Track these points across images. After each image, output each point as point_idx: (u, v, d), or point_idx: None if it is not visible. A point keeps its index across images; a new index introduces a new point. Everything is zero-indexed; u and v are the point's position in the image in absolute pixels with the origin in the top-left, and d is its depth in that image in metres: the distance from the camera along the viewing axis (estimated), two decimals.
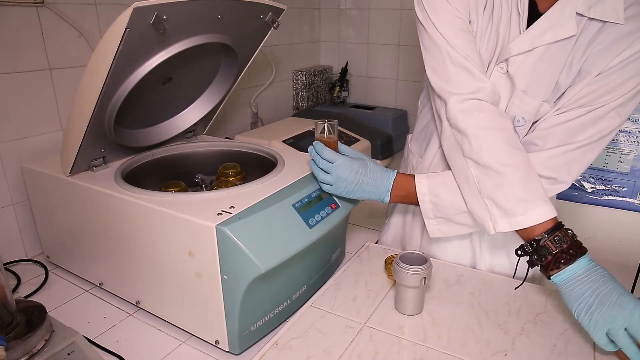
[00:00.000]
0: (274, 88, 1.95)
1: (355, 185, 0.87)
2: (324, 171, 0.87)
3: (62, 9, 1.08)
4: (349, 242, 1.16)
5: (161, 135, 1.14)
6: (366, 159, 0.90)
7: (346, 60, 2.19)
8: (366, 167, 0.88)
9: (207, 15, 0.90)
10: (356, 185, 0.87)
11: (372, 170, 0.88)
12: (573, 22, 0.77)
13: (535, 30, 0.80)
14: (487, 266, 0.99)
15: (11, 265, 1.08)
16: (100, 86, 0.80)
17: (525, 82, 0.83)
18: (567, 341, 0.76)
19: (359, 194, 0.89)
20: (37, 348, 0.74)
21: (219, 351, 0.82)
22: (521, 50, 0.81)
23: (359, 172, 0.87)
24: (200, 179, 1.16)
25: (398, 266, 0.81)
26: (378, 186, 0.88)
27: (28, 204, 1.10)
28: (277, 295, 0.85)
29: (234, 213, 0.77)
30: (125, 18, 0.74)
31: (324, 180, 0.88)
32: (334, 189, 0.88)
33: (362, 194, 0.89)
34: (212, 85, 1.17)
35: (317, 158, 0.88)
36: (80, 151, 0.90)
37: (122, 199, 0.85)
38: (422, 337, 0.78)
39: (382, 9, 2.04)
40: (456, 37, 0.81)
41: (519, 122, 0.85)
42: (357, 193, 0.89)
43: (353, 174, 0.86)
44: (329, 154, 0.86)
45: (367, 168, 0.88)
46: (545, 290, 0.90)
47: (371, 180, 0.88)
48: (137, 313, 0.92)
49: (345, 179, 0.86)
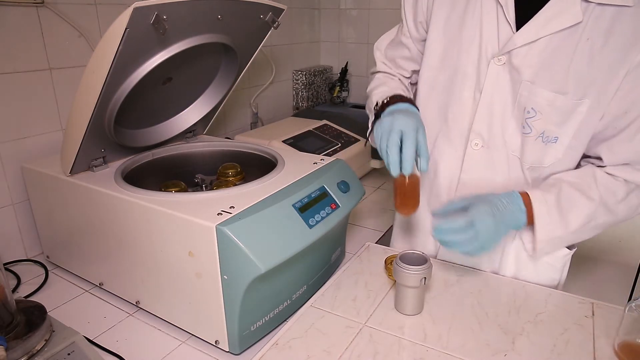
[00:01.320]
0: (274, 88, 1.95)
1: (498, 222, 0.81)
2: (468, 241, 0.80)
3: (62, 9, 1.08)
4: (349, 242, 1.16)
5: (161, 135, 1.14)
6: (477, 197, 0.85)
7: (346, 60, 2.19)
8: (489, 202, 0.82)
9: (207, 15, 0.90)
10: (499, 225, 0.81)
11: (497, 200, 0.83)
12: (578, 9, 0.75)
13: (539, 19, 0.78)
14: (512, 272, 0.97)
15: (11, 265, 1.08)
16: (100, 86, 0.80)
17: (531, 72, 0.81)
18: (567, 341, 0.76)
19: (503, 230, 0.82)
20: (37, 348, 0.74)
21: (219, 351, 0.82)
22: (526, 41, 0.80)
23: (494, 212, 0.81)
24: (200, 179, 1.16)
25: (398, 266, 0.81)
26: (513, 213, 0.83)
27: (28, 204, 1.10)
28: (277, 295, 0.85)
29: (234, 213, 0.77)
30: (125, 18, 0.74)
31: (475, 249, 0.80)
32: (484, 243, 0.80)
33: (504, 227, 0.82)
34: (212, 85, 1.17)
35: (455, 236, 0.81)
36: (80, 151, 0.90)
37: (122, 199, 0.85)
38: (422, 337, 0.78)
39: (382, 9, 2.04)
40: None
41: (529, 113, 0.83)
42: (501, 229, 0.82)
43: (490, 216, 0.81)
44: (461, 222, 0.80)
45: (492, 203, 0.82)
46: (545, 290, 0.90)
47: (504, 210, 0.82)
48: (137, 313, 0.92)
49: (488, 223, 0.80)
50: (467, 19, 0.86)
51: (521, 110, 0.84)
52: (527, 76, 0.81)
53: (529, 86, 0.82)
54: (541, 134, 0.84)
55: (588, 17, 0.75)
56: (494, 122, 0.87)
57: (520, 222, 0.84)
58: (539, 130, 0.84)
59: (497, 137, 0.88)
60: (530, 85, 0.82)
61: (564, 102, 0.80)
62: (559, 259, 0.95)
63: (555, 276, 0.97)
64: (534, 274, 0.96)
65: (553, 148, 0.84)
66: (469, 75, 0.88)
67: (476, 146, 0.90)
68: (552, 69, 0.80)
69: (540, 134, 0.84)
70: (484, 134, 0.89)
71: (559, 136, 0.83)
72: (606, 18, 0.75)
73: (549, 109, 0.81)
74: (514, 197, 0.85)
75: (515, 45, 0.81)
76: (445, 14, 0.90)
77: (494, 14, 0.83)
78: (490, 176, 0.91)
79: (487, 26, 0.84)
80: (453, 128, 0.93)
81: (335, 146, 1.53)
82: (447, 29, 0.90)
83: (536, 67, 0.81)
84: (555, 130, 0.83)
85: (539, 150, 0.85)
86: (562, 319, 0.82)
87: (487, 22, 0.84)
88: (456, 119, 0.92)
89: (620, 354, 0.73)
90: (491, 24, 0.84)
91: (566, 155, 0.85)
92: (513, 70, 0.83)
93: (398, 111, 0.87)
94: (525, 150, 0.86)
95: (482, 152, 0.90)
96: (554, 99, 0.80)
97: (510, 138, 0.87)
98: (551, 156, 0.85)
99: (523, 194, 0.85)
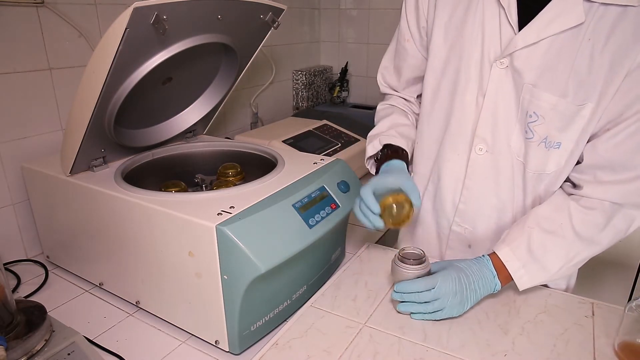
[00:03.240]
0: (274, 88, 1.95)
1: (466, 291, 0.80)
2: (428, 302, 0.79)
3: (62, 9, 1.08)
4: (349, 242, 1.16)
5: (161, 135, 1.14)
6: (449, 262, 0.84)
7: (346, 60, 2.19)
8: (458, 268, 0.82)
9: (207, 15, 0.90)
10: (466, 291, 0.80)
11: (466, 266, 0.82)
12: (580, 9, 0.73)
13: (541, 21, 0.77)
14: None
15: (11, 265, 1.08)
16: (100, 86, 0.80)
17: (533, 75, 0.80)
18: (567, 341, 0.76)
19: (472, 296, 0.81)
20: (37, 348, 0.74)
21: (219, 351, 0.82)
22: (527, 42, 0.78)
23: (460, 277, 0.80)
24: (200, 179, 1.16)
25: (396, 265, 0.81)
26: (485, 278, 0.82)
27: (28, 204, 1.10)
28: (277, 295, 0.85)
29: (234, 213, 0.77)
30: (125, 18, 0.74)
31: (435, 309, 0.79)
32: (448, 310, 0.79)
33: (474, 295, 0.81)
34: (212, 85, 1.17)
35: (414, 296, 0.80)
36: (80, 151, 0.90)
37: (122, 199, 0.85)
38: (422, 337, 0.78)
39: (382, 9, 2.04)
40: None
41: (531, 117, 0.82)
42: (470, 297, 0.80)
43: (456, 281, 0.79)
44: (425, 283, 0.79)
45: (460, 269, 0.82)
46: (546, 290, 0.90)
47: (473, 277, 0.81)
48: (137, 313, 0.92)
49: (454, 291, 0.79)
50: (469, 21, 0.85)
51: (524, 114, 0.82)
52: (529, 79, 0.80)
53: (531, 89, 0.80)
54: (544, 140, 0.83)
55: (591, 18, 0.74)
56: (498, 127, 0.86)
57: (494, 286, 0.83)
58: (542, 135, 0.82)
59: (502, 142, 0.86)
60: (532, 88, 0.80)
61: (566, 106, 0.78)
62: None
63: (561, 283, 0.97)
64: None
65: (556, 154, 0.83)
66: (472, 79, 0.86)
67: (480, 151, 0.89)
68: (554, 72, 0.78)
69: (542, 139, 0.83)
70: (488, 138, 0.87)
71: (561, 142, 0.82)
72: (609, 19, 0.73)
73: (551, 113, 0.80)
74: (484, 262, 0.84)
75: (516, 47, 0.79)
76: (447, 17, 0.88)
77: (496, 16, 0.82)
78: (494, 181, 0.90)
79: (489, 29, 0.83)
80: (457, 133, 0.91)
81: (335, 146, 1.53)
82: (449, 32, 0.88)
83: (538, 69, 0.79)
84: (558, 136, 0.81)
85: (541, 156, 0.84)
86: (562, 319, 0.81)
87: (489, 24, 0.83)
88: (459, 123, 0.90)
89: (620, 354, 0.73)
90: (493, 26, 0.82)
91: (569, 162, 0.84)
92: (515, 73, 0.81)
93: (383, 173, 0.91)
94: (529, 155, 0.85)
95: (487, 157, 0.89)
96: (556, 102, 0.79)
97: (515, 143, 0.85)
98: (554, 162, 0.84)
99: (493, 257, 0.84)
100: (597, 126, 0.80)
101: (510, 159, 0.87)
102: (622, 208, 0.79)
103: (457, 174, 0.94)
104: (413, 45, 0.98)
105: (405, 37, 0.99)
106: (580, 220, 0.81)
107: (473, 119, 0.88)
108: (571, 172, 0.85)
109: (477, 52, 0.85)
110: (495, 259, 0.84)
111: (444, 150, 0.95)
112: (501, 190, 0.90)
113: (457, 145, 0.92)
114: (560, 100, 0.78)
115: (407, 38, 0.98)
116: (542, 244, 0.82)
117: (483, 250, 0.94)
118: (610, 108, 0.77)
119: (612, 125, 0.78)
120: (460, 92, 0.88)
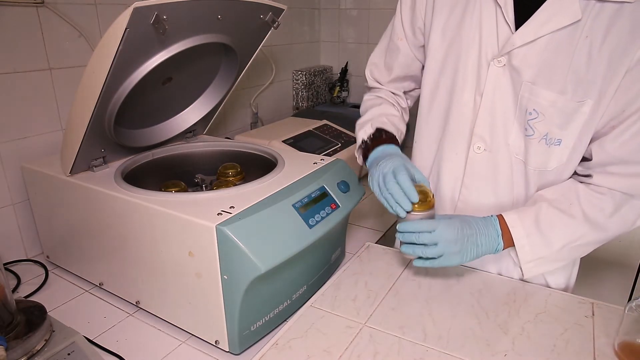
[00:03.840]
0: (274, 88, 1.95)
1: (466, 242, 0.81)
2: (428, 245, 0.81)
3: (62, 9, 1.08)
4: (349, 242, 1.16)
5: (161, 135, 1.14)
6: (457, 215, 0.86)
7: (346, 60, 2.19)
8: (463, 218, 0.83)
9: (207, 15, 0.90)
10: (467, 242, 0.81)
11: (472, 220, 0.83)
12: (577, 6, 0.74)
13: (538, 19, 0.77)
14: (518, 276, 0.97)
15: (11, 265, 1.08)
16: (100, 86, 0.80)
17: (532, 73, 0.80)
18: (567, 341, 0.76)
19: (472, 250, 0.81)
20: (37, 348, 0.74)
21: (219, 351, 0.82)
22: (524, 41, 0.79)
23: (463, 227, 0.81)
24: (200, 179, 1.16)
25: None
26: (489, 235, 0.83)
27: (28, 204, 1.10)
28: (277, 295, 0.85)
29: (234, 213, 0.77)
30: (125, 18, 0.74)
31: (434, 254, 0.80)
32: (446, 258, 0.81)
33: (475, 249, 0.82)
34: (212, 85, 1.17)
35: (414, 236, 0.81)
36: (80, 151, 0.90)
37: (122, 199, 0.85)
38: (422, 337, 0.78)
39: (382, 9, 2.04)
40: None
41: (531, 114, 0.82)
42: (470, 250, 0.81)
43: (458, 230, 0.80)
44: (426, 224, 0.81)
45: (465, 220, 0.83)
46: (545, 290, 0.90)
47: (477, 230, 0.82)
48: (137, 313, 0.92)
49: (454, 239, 0.80)
50: (467, 21, 0.85)
51: (523, 112, 0.83)
52: (528, 77, 0.81)
53: (529, 87, 0.81)
54: (544, 136, 0.83)
55: (588, 15, 0.74)
56: (496, 125, 0.86)
57: (496, 244, 0.83)
58: (542, 132, 0.83)
59: (500, 140, 0.87)
60: (531, 86, 0.81)
61: (565, 103, 0.79)
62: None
63: (561, 281, 0.97)
64: (541, 278, 0.96)
65: (557, 151, 0.83)
66: (469, 78, 0.87)
67: (478, 150, 0.89)
68: (552, 69, 0.79)
69: (543, 136, 0.83)
70: (486, 137, 0.88)
71: (562, 138, 0.82)
72: (606, 15, 0.73)
73: (550, 110, 0.80)
74: (490, 220, 0.84)
75: (514, 46, 0.80)
76: (445, 18, 0.89)
77: (493, 15, 0.83)
78: (493, 180, 0.90)
79: (486, 28, 0.83)
80: (455, 132, 0.92)
81: (335, 146, 1.53)
82: (446, 32, 0.89)
83: (536, 67, 0.80)
84: (558, 133, 0.82)
85: (542, 153, 0.84)
86: (562, 319, 0.81)
87: (486, 23, 0.83)
88: (458, 122, 0.91)
89: (620, 354, 0.73)
90: (490, 25, 0.83)
91: (571, 158, 0.84)
92: (513, 71, 0.82)
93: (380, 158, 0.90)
94: (529, 153, 0.85)
95: (485, 156, 0.89)
96: (555, 99, 0.79)
97: (513, 141, 0.86)
98: (555, 159, 0.84)
99: (500, 218, 0.85)
100: (600, 123, 0.80)
101: (509, 157, 0.87)
102: (632, 199, 0.80)
103: (455, 173, 0.94)
104: (406, 44, 0.99)
105: (398, 35, 1.00)
106: (589, 203, 0.81)
107: (471, 118, 0.89)
108: (579, 167, 0.86)
109: (474, 51, 0.85)
110: (502, 222, 0.84)
111: (443, 149, 0.95)
112: (500, 189, 0.90)
113: (455, 144, 0.93)
114: (559, 97, 0.79)
115: (400, 37, 0.99)
116: (550, 219, 0.83)
117: None
118: (612, 105, 0.77)
119: (616, 122, 0.78)
120: (458, 91, 0.89)
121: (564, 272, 0.97)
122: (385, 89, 1.07)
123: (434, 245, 0.81)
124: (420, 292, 0.90)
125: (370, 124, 0.99)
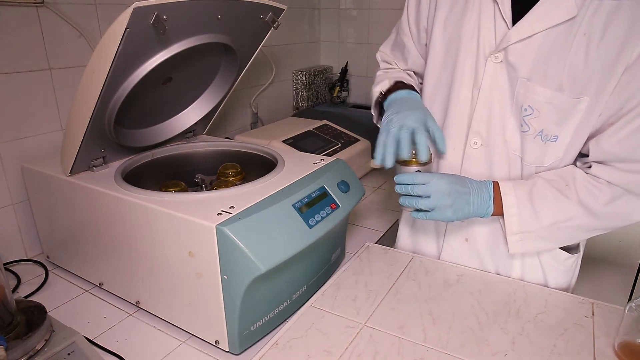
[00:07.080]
0: (274, 88, 1.95)
1: (458, 198, 0.83)
2: (421, 197, 0.83)
3: (62, 9, 1.08)
4: (349, 242, 1.16)
5: (161, 135, 1.14)
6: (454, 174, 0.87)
7: (346, 60, 2.19)
8: (458, 177, 0.85)
9: (207, 15, 0.90)
10: (459, 198, 0.83)
11: (467, 179, 0.86)
12: (572, 3, 0.74)
13: (534, 15, 0.78)
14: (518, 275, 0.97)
15: (11, 265, 1.08)
16: (100, 86, 0.80)
17: (527, 69, 0.81)
18: (567, 341, 0.76)
19: (464, 207, 0.83)
20: (37, 348, 0.74)
21: (219, 351, 0.82)
22: (520, 37, 0.80)
23: (457, 183, 0.83)
24: (200, 179, 1.16)
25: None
26: (481, 197, 0.85)
27: (28, 204, 1.10)
28: (277, 295, 0.85)
29: (234, 213, 0.77)
30: (125, 18, 0.74)
31: (427, 205, 0.83)
32: (438, 211, 0.82)
33: (466, 207, 0.84)
34: (212, 85, 1.17)
35: (410, 187, 0.83)
36: (80, 151, 0.90)
37: (122, 199, 0.85)
38: (422, 337, 0.78)
39: (382, 9, 2.04)
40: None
41: (526, 110, 0.83)
42: (462, 207, 0.83)
43: (452, 185, 0.83)
44: (421, 177, 0.83)
45: (460, 178, 0.85)
46: (546, 290, 0.90)
47: (471, 189, 0.84)
48: (137, 313, 0.92)
49: (447, 192, 0.82)
50: (466, 17, 0.86)
51: (518, 108, 0.84)
52: (524, 73, 0.81)
53: (525, 83, 0.81)
54: (539, 133, 0.83)
55: (585, 12, 0.75)
56: (493, 121, 0.87)
57: (487, 207, 0.85)
58: (537, 128, 0.83)
59: (497, 136, 0.88)
60: (526, 82, 0.81)
61: (562, 100, 0.79)
62: (562, 262, 0.95)
63: (562, 280, 0.97)
64: (541, 277, 0.96)
65: (553, 147, 0.84)
66: (468, 74, 0.88)
67: (475, 145, 0.90)
68: (548, 66, 0.79)
69: (538, 133, 0.83)
70: (483, 132, 0.89)
71: (558, 135, 0.82)
72: (603, 13, 0.74)
73: (546, 107, 0.81)
74: (485, 184, 0.86)
75: (510, 42, 0.81)
76: (446, 14, 0.90)
77: (491, 11, 0.84)
78: (489, 175, 0.91)
79: (484, 24, 0.85)
80: (453, 126, 0.93)
81: (335, 146, 1.53)
82: (447, 28, 0.90)
83: (532, 63, 0.80)
84: (555, 129, 0.82)
85: (538, 149, 0.85)
86: (562, 319, 0.81)
87: (485, 19, 0.84)
88: (456, 117, 0.92)
89: (620, 354, 0.73)
90: (488, 21, 0.84)
91: (567, 155, 0.85)
92: (509, 67, 0.83)
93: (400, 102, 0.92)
94: (526, 149, 0.86)
95: (482, 151, 0.90)
96: (551, 96, 0.80)
97: (510, 137, 0.87)
98: (551, 155, 0.85)
99: (495, 184, 0.86)
100: (599, 121, 0.80)
101: (506, 153, 0.88)
102: (628, 194, 0.80)
103: (453, 167, 0.95)
104: (410, 41, 1.02)
105: (404, 32, 1.02)
106: (584, 188, 0.82)
107: (468, 113, 0.90)
108: (578, 162, 0.86)
109: (473, 47, 0.86)
110: (497, 188, 0.86)
111: None
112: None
113: (453, 139, 0.94)
114: (556, 94, 0.79)
115: (406, 34, 1.02)
116: (544, 194, 0.83)
117: (479, 244, 0.97)
118: (611, 102, 0.78)
119: (614, 119, 0.78)
120: (456, 86, 0.90)
121: (565, 273, 0.97)
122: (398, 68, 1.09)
123: (427, 198, 0.83)
124: (420, 292, 0.90)
125: (387, 80, 1.01)
